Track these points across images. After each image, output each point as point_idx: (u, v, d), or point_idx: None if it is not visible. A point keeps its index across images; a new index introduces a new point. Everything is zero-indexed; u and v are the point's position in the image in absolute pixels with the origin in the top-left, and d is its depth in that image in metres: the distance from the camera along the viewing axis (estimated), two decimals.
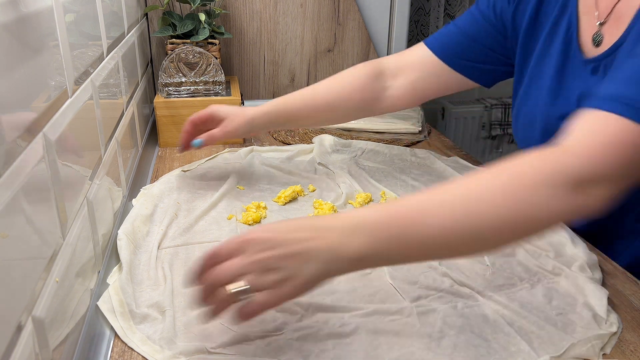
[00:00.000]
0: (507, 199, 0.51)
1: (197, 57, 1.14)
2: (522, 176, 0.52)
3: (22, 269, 0.42)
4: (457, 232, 0.51)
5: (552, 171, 0.52)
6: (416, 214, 0.51)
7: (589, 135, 0.54)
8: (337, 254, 0.50)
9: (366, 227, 0.51)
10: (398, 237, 0.51)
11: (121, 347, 0.57)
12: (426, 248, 0.52)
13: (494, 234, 0.52)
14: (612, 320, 0.59)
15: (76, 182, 0.60)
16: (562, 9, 0.77)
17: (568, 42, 0.75)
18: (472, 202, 0.51)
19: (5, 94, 0.41)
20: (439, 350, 0.55)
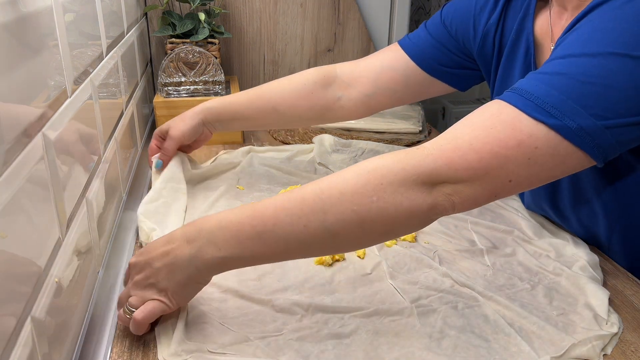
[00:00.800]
0: (356, 195, 0.52)
1: (196, 57, 1.13)
2: (373, 174, 0.53)
3: (22, 269, 0.42)
4: (310, 230, 0.53)
5: (402, 169, 0.52)
6: (272, 214, 0.53)
7: (458, 135, 0.54)
8: (197, 261, 0.54)
9: (226, 228, 0.54)
10: (258, 236, 0.53)
11: (121, 347, 0.57)
12: (285, 247, 0.54)
13: (343, 230, 0.53)
14: (613, 321, 0.59)
15: (76, 182, 0.60)
16: (519, 29, 0.75)
17: (527, 66, 0.74)
18: (325, 198, 0.53)
19: (5, 93, 0.41)
20: (439, 351, 0.55)
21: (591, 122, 0.51)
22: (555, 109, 0.52)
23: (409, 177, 0.52)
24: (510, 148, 0.52)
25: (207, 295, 0.63)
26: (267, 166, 1.00)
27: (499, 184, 0.53)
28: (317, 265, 0.70)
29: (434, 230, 0.78)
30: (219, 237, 0.54)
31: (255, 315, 0.61)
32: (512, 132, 0.52)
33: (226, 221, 0.55)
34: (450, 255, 0.73)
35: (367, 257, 0.72)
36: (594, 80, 0.52)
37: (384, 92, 0.88)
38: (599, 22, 0.55)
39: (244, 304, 0.63)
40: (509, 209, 0.84)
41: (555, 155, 0.52)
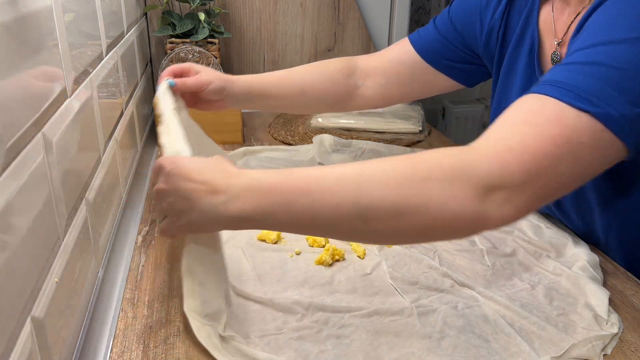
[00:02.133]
0: (399, 185, 0.48)
1: (196, 57, 1.13)
2: (421, 166, 0.49)
3: (22, 269, 0.42)
4: (340, 210, 0.49)
5: (453, 167, 0.48)
6: (309, 185, 0.50)
7: (506, 135, 0.50)
8: (218, 213, 0.52)
9: (257, 190, 0.51)
10: (287, 204, 0.50)
11: (121, 347, 0.57)
12: (312, 221, 0.51)
13: (377, 217, 0.48)
14: (613, 321, 0.59)
15: (75, 182, 0.60)
16: (525, 25, 0.76)
17: (531, 61, 0.75)
18: (364, 182, 0.49)
19: (5, 93, 0.41)
20: (439, 351, 0.55)
21: (629, 109, 0.50)
22: (595, 97, 0.50)
23: (461, 176, 0.48)
24: (560, 146, 0.49)
25: None
26: (266, 167, 1.00)
27: (549, 188, 0.50)
28: (317, 265, 0.70)
29: None
30: (247, 197, 0.51)
31: (256, 314, 0.61)
32: (559, 128, 0.50)
33: (257, 182, 0.52)
34: (450, 255, 0.73)
35: (367, 257, 0.72)
36: (626, 66, 0.51)
37: (394, 84, 0.91)
38: (615, 10, 0.55)
39: (244, 302, 0.63)
40: None
41: (597, 148, 0.51)
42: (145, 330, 0.59)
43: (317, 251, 0.73)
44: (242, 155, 1.04)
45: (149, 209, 0.86)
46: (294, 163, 1.03)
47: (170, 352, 0.56)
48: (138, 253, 0.74)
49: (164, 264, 0.71)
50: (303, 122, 1.26)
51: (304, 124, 1.24)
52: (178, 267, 0.70)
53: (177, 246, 0.69)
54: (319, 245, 0.74)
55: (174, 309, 0.62)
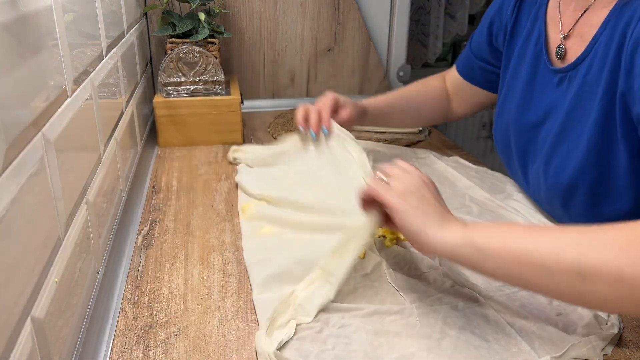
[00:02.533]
0: (622, 253, 0.45)
1: (196, 57, 1.13)
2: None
3: (22, 269, 0.42)
4: (562, 266, 0.48)
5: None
6: (527, 254, 0.50)
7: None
8: (434, 228, 0.57)
9: (487, 255, 0.53)
10: (499, 266, 0.52)
11: (120, 348, 0.57)
12: (526, 283, 0.51)
13: (596, 279, 0.46)
14: (613, 321, 0.59)
15: (75, 182, 0.60)
16: (534, 19, 0.80)
17: (538, 53, 0.78)
18: (585, 242, 0.48)
19: (5, 93, 0.41)
20: (439, 351, 0.55)
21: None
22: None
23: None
24: None
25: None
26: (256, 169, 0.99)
27: None
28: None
29: None
30: (466, 254, 0.54)
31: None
32: None
33: (482, 243, 0.53)
34: None
35: (367, 257, 0.72)
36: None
37: (463, 100, 1.03)
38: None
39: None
40: (509, 209, 0.84)
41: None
42: (145, 330, 0.59)
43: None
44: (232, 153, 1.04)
45: (149, 209, 0.86)
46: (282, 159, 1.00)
47: (171, 352, 0.56)
48: (138, 253, 0.74)
49: (164, 264, 0.71)
50: None
51: None
52: (178, 267, 0.71)
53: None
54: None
55: (174, 309, 0.62)
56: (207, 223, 0.82)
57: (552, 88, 0.75)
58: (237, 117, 1.13)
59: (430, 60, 2.19)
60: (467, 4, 2.15)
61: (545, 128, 0.76)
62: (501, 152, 0.89)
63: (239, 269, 0.70)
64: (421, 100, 1.02)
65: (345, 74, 1.47)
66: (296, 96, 1.46)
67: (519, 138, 0.81)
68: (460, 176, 0.95)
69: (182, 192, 0.92)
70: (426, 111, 1.03)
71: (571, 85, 0.72)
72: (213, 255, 0.73)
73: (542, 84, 0.77)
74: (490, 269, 0.53)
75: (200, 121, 1.12)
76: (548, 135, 0.75)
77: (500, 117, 0.86)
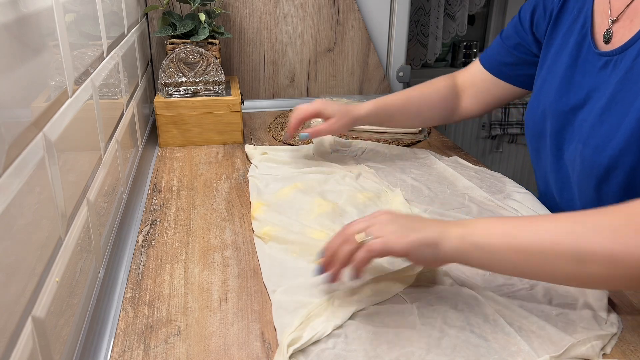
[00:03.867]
0: (614, 236, 0.51)
1: (197, 57, 1.14)
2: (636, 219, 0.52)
3: (23, 269, 0.42)
4: (558, 248, 0.53)
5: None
6: (531, 247, 0.55)
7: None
8: (432, 237, 0.58)
9: (482, 251, 0.57)
10: (508, 262, 0.56)
11: (121, 347, 0.57)
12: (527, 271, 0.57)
13: (592, 261, 0.52)
14: (612, 320, 0.59)
15: (76, 182, 0.60)
16: (581, 7, 0.81)
17: (582, 37, 0.79)
18: (577, 225, 0.53)
19: (5, 93, 0.41)
20: (438, 350, 0.55)
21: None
22: None
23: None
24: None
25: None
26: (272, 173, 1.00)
27: None
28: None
29: None
30: (474, 256, 0.57)
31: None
32: None
33: (484, 243, 0.57)
34: None
35: None
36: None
37: (483, 93, 1.01)
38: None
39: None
40: (509, 209, 0.84)
41: None
42: (146, 329, 0.59)
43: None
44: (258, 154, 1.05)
45: (149, 208, 0.86)
46: (296, 165, 1.02)
47: (171, 352, 0.56)
48: (139, 253, 0.74)
49: (164, 264, 0.71)
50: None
51: (304, 125, 1.24)
52: (178, 266, 0.71)
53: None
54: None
55: (175, 309, 0.63)
56: (207, 223, 0.82)
57: (595, 72, 0.76)
58: (238, 117, 1.14)
59: (430, 60, 2.20)
60: (466, 5, 2.15)
61: (584, 111, 0.77)
62: (531, 137, 0.88)
63: (239, 268, 0.71)
64: (422, 103, 1.02)
65: (345, 74, 1.48)
66: (296, 96, 1.47)
67: (555, 121, 0.81)
68: (460, 176, 0.95)
69: (183, 192, 0.92)
70: (426, 113, 1.03)
71: (617, 68, 0.72)
72: (213, 255, 0.74)
73: (585, 67, 0.78)
74: (499, 266, 0.57)
75: (201, 121, 1.13)
76: (587, 118, 0.75)
77: (537, 101, 0.86)
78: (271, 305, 0.63)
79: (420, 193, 0.90)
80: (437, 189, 0.92)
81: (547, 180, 0.88)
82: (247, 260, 0.72)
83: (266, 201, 0.85)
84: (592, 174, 0.74)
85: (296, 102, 1.43)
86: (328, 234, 0.74)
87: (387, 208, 0.84)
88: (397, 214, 0.61)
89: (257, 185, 0.92)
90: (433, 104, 1.02)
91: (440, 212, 0.83)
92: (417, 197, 0.88)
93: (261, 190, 0.90)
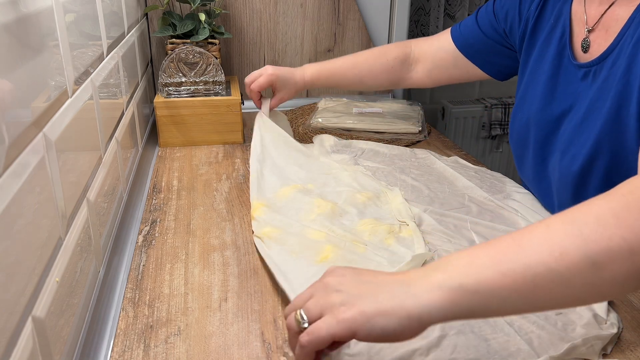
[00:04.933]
0: (619, 219, 0.42)
1: (197, 57, 1.14)
2: (633, 197, 0.43)
3: (23, 269, 0.42)
4: (570, 261, 0.42)
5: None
6: (525, 273, 0.43)
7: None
8: (407, 302, 0.43)
9: (456, 290, 0.43)
10: (502, 301, 0.43)
11: (121, 347, 0.57)
12: (535, 302, 0.44)
13: (610, 261, 0.42)
14: (612, 320, 0.59)
15: (76, 182, 0.60)
16: (558, 15, 0.80)
17: (562, 47, 0.79)
18: (579, 227, 0.43)
19: (6, 93, 0.41)
20: (438, 351, 0.55)
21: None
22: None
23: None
24: None
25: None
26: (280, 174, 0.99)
27: None
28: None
29: (433, 229, 0.78)
30: (465, 306, 0.43)
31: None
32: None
33: (472, 283, 0.43)
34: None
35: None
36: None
37: (439, 69, 1.04)
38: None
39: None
40: (509, 209, 0.84)
41: None
42: (146, 329, 0.59)
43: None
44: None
45: (149, 208, 0.86)
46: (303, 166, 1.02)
47: (171, 352, 0.56)
48: (139, 253, 0.74)
49: (164, 264, 0.71)
50: (303, 122, 1.26)
51: (304, 125, 1.24)
52: (178, 266, 0.71)
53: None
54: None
55: (175, 309, 0.63)
56: (207, 223, 0.82)
57: (577, 82, 0.76)
58: (238, 117, 1.14)
59: None
60: (466, 5, 2.15)
61: (566, 121, 0.77)
62: (515, 146, 0.89)
63: (239, 268, 0.71)
64: (365, 72, 1.06)
65: None
66: (296, 96, 1.46)
67: (540, 131, 0.81)
68: (460, 176, 0.95)
69: (183, 192, 0.92)
70: (369, 81, 1.08)
71: (596, 79, 0.73)
72: (213, 254, 0.74)
73: (567, 78, 0.78)
74: (497, 307, 0.43)
75: (201, 121, 1.13)
76: (567, 128, 0.76)
77: (520, 111, 0.86)
78: (271, 305, 0.63)
79: (420, 193, 0.90)
80: (437, 189, 0.92)
81: (528, 188, 0.89)
82: (247, 260, 0.72)
83: (266, 201, 0.85)
84: (568, 183, 0.75)
85: (296, 102, 1.43)
86: (327, 234, 0.74)
87: (387, 208, 0.84)
88: (342, 272, 0.48)
89: (258, 180, 0.91)
90: (377, 74, 1.06)
91: (441, 212, 0.83)
92: (417, 197, 0.88)
93: (262, 187, 0.90)
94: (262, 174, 0.93)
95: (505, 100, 2.15)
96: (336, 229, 0.75)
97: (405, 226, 0.78)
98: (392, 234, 0.76)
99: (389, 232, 0.76)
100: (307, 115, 1.31)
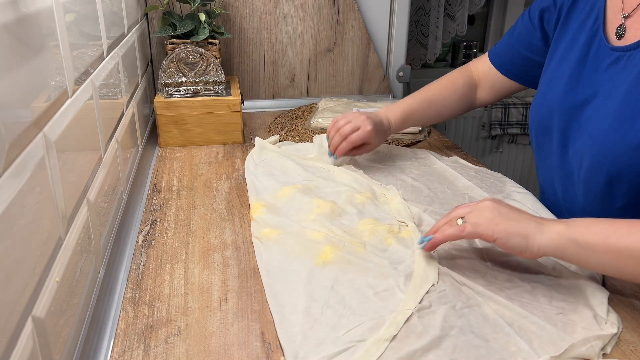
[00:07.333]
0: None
1: (197, 57, 1.14)
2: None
3: (23, 269, 0.42)
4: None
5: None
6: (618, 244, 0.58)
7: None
8: (532, 233, 0.62)
9: (580, 248, 0.60)
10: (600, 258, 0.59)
11: (121, 347, 0.57)
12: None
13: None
14: (612, 321, 0.59)
15: (76, 182, 0.60)
16: (593, 3, 0.80)
17: (594, 33, 0.78)
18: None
19: (6, 94, 0.41)
20: (439, 351, 0.55)
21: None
22: None
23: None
24: None
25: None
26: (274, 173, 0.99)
27: None
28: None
29: None
30: (570, 251, 0.60)
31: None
32: None
33: (582, 240, 0.60)
34: (450, 255, 0.73)
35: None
36: None
37: (498, 84, 1.04)
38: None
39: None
40: None
41: None
42: (146, 329, 0.59)
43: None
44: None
45: (149, 208, 0.87)
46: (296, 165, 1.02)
47: (171, 352, 0.56)
48: (139, 253, 0.74)
49: (164, 264, 0.71)
50: (303, 122, 1.26)
51: (304, 124, 1.24)
52: (178, 266, 0.71)
53: None
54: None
55: (175, 309, 0.63)
56: (207, 223, 0.82)
57: (604, 67, 0.76)
58: (238, 117, 1.14)
59: (430, 60, 2.20)
60: (466, 5, 2.15)
61: (592, 106, 0.76)
62: (536, 133, 0.88)
63: (239, 268, 0.71)
64: (443, 106, 1.05)
65: (345, 75, 1.48)
66: (296, 96, 1.47)
67: (563, 117, 0.81)
68: (460, 176, 0.95)
69: (183, 192, 0.92)
70: (447, 113, 1.07)
71: (630, 64, 0.72)
72: (213, 254, 0.74)
73: (595, 63, 0.78)
74: (594, 264, 0.60)
75: (201, 121, 1.13)
76: (595, 114, 0.75)
77: (542, 98, 0.86)
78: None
79: (420, 193, 0.90)
80: (437, 189, 0.92)
81: (550, 177, 0.87)
82: (247, 260, 0.72)
83: (265, 202, 0.85)
84: (602, 171, 0.74)
85: (296, 103, 1.43)
86: (327, 235, 0.74)
87: (386, 208, 0.84)
88: (500, 203, 0.65)
89: (254, 184, 0.92)
90: (453, 105, 1.06)
91: (440, 212, 0.83)
92: (417, 197, 0.88)
93: (259, 190, 0.90)
94: (258, 179, 0.94)
95: (506, 100, 2.15)
96: (336, 229, 0.75)
97: (405, 227, 0.78)
98: (392, 234, 0.76)
99: (388, 232, 0.76)
100: (307, 115, 1.31)
